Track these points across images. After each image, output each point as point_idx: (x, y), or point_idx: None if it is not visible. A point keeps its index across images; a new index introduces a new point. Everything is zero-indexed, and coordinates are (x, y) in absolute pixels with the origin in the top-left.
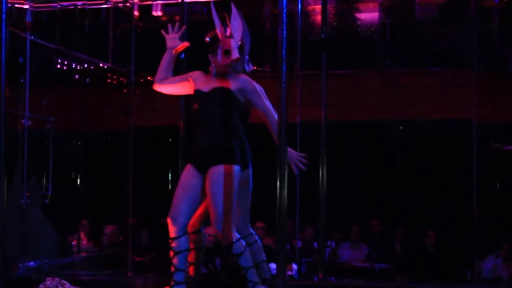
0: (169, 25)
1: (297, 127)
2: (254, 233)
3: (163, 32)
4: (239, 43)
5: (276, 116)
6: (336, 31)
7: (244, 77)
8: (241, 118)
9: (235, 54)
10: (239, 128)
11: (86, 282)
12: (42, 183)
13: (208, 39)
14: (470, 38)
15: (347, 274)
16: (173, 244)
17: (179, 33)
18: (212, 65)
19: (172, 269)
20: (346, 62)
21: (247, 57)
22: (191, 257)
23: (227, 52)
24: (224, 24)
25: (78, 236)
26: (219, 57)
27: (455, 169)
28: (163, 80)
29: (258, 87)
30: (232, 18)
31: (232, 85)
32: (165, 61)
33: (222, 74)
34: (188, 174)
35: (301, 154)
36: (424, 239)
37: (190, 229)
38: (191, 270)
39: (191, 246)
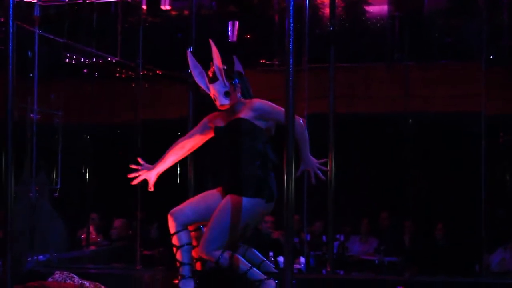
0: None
1: (306, 120)
2: (240, 244)
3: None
4: (221, 69)
5: (299, 120)
6: (344, 24)
7: (255, 101)
8: (264, 146)
9: (221, 101)
10: (264, 157)
11: (95, 276)
12: (51, 177)
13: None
14: (480, 31)
15: (356, 267)
16: (174, 240)
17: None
18: None
19: (178, 264)
20: (355, 55)
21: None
22: (195, 253)
23: (214, 100)
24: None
25: (87, 229)
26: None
27: (464, 162)
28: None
29: (270, 103)
30: (213, 56)
31: (247, 113)
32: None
33: (232, 108)
34: (213, 191)
35: (321, 161)
36: (433, 232)
37: (191, 227)
38: (198, 265)
39: (194, 243)
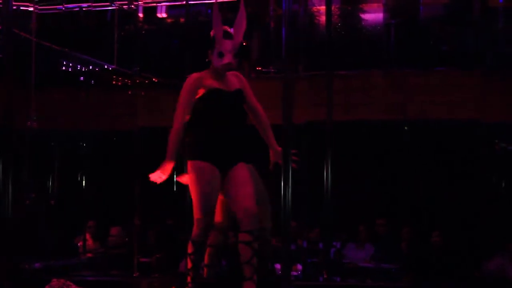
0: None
1: (303, 128)
2: None
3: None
4: (239, 44)
5: (261, 108)
6: (340, 32)
7: (239, 74)
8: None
9: (228, 59)
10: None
11: (92, 283)
12: (48, 183)
13: (212, 35)
14: (475, 38)
15: (352, 274)
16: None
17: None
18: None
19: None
20: (352, 62)
21: None
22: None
23: (221, 55)
24: (226, 24)
25: (84, 237)
26: (214, 58)
27: (461, 169)
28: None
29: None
30: (238, 17)
31: (240, 84)
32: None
33: (221, 73)
34: (212, 173)
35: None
36: (430, 239)
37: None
38: (204, 271)
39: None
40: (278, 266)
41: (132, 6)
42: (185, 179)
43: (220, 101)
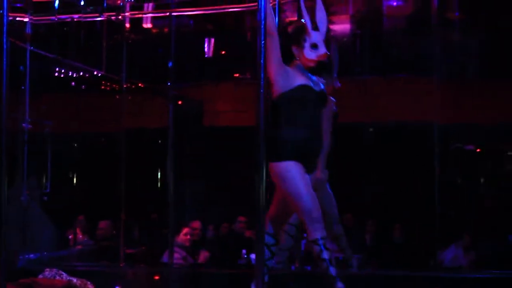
0: None
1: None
2: None
3: None
4: (326, 35)
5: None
6: None
7: (322, 80)
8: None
9: (323, 49)
10: None
11: (82, 273)
12: (41, 182)
13: (292, 30)
14: (433, 48)
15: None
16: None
17: None
18: (297, 58)
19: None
20: None
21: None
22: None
23: (315, 46)
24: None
25: (75, 230)
26: (306, 51)
27: (420, 167)
28: None
29: None
30: (317, 8)
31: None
32: None
33: (308, 71)
34: (302, 171)
35: None
36: (391, 231)
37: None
38: None
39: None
40: (253, 256)
41: (120, 17)
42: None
43: (301, 97)
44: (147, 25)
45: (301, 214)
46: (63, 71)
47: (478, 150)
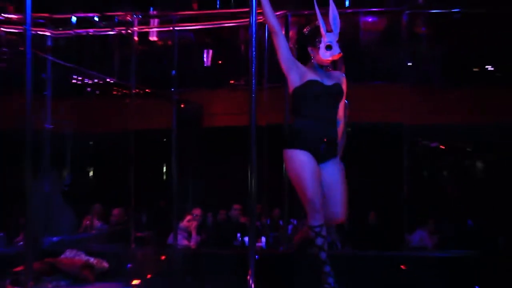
0: None
1: (265, 130)
2: None
3: None
4: (338, 36)
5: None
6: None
7: (342, 75)
8: None
9: (337, 50)
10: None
11: (98, 253)
12: (62, 175)
13: (307, 31)
14: (403, 58)
15: (306, 245)
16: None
17: None
18: (312, 58)
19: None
20: None
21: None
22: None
23: (329, 47)
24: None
25: (91, 217)
26: (321, 52)
27: (391, 161)
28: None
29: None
30: (330, 11)
31: (338, 81)
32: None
33: (323, 69)
34: (312, 162)
35: None
36: (367, 218)
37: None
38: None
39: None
40: (246, 239)
41: (129, 31)
42: None
43: (315, 92)
44: (153, 38)
45: (303, 200)
46: (79, 78)
47: (441, 146)
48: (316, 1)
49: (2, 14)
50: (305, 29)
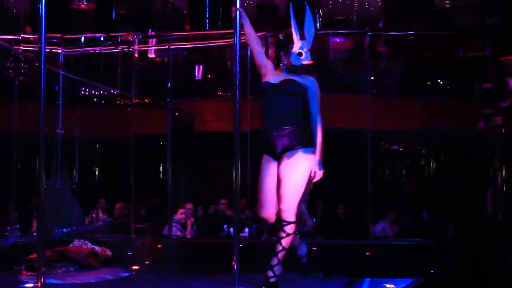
0: None
1: (248, 134)
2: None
3: None
4: (311, 44)
5: (318, 121)
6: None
7: (312, 79)
8: (304, 108)
9: (307, 57)
10: (303, 116)
11: (102, 242)
12: (71, 174)
13: (281, 37)
14: (366, 73)
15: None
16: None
17: None
18: (284, 62)
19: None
20: None
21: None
22: None
23: (300, 54)
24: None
25: (97, 210)
26: (292, 58)
27: (357, 163)
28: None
29: (319, 93)
30: (305, 19)
31: (300, 80)
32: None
33: (292, 72)
34: (267, 165)
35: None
36: (336, 210)
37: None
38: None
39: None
40: (231, 229)
41: (131, 49)
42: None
43: (263, 94)
44: (151, 55)
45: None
46: (87, 90)
47: (400, 149)
48: (292, 8)
49: (22, 35)
50: (280, 35)
